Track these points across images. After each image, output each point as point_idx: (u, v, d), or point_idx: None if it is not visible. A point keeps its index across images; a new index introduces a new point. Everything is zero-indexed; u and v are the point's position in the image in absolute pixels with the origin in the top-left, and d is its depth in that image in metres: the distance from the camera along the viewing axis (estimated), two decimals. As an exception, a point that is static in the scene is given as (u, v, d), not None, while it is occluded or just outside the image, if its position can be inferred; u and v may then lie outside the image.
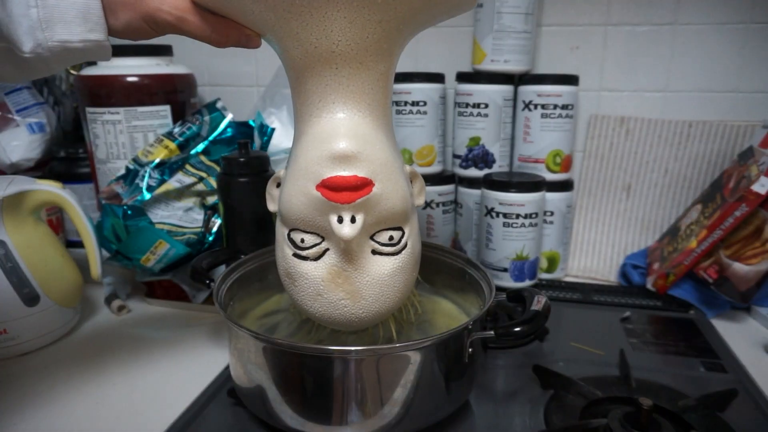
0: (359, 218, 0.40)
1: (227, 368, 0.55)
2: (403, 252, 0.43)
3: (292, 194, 0.41)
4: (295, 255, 0.43)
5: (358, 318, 0.43)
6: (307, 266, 0.43)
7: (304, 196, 0.40)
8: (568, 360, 0.57)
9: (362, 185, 0.39)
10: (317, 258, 0.42)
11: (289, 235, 0.43)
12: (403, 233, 0.43)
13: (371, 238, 0.42)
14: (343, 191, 0.39)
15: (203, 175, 0.72)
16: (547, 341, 0.62)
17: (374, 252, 0.43)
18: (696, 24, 0.76)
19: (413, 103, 0.76)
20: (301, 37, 0.39)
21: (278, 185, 0.46)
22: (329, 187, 0.39)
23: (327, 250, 0.42)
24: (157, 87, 0.76)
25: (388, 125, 0.44)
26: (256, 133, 0.76)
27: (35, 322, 0.59)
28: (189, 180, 0.71)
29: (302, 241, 0.42)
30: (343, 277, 0.42)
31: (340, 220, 0.40)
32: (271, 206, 0.47)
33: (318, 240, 0.42)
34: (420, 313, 0.53)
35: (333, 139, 0.40)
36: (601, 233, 0.83)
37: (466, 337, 0.45)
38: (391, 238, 0.43)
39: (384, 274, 0.43)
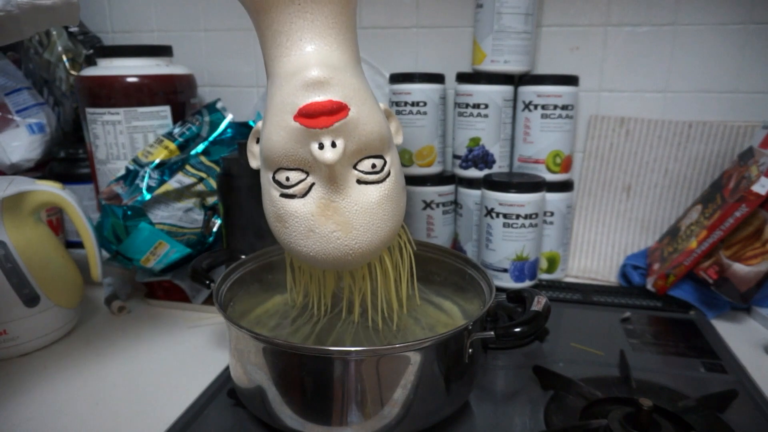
0: (339, 143, 0.40)
1: (227, 368, 0.55)
2: (387, 180, 0.44)
3: (271, 132, 0.42)
4: (283, 195, 0.43)
5: (352, 249, 0.43)
6: (296, 204, 0.43)
7: (283, 129, 0.41)
8: (568, 360, 0.57)
9: (338, 109, 0.40)
10: (304, 194, 0.43)
11: (273, 177, 0.43)
12: (385, 162, 0.44)
13: (354, 167, 0.43)
14: (320, 116, 0.40)
15: (203, 175, 0.72)
16: (547, 342, 0.62)
17: (359, 181, 0.43)
18: (696, 24, 0.76)
19: (413, 104, 0.76)
20: None
21: (258, 141, 0.46)
22: (306, 114, 0.40)
23: (313, 184, 0.43)
24: (157, 87, 0.76)
25: (357, 60, 0.45)
26: (256, 134, 0.76)
27: (35, 323, 0.59)
28: (189, 180, 0.71)
29: (287, 179, 0.43)
30: (332, 208, 0.42)
31: (321, 147, 0.40)
32: (253, 163, 0.48)
33: (303, 176, 0.42)
34: (414, 250, 0.52)
35: (304, 69, 0.41)
36: (601, 234, 0.83)
37: (466, 337, 0.45)
38: (373, 165, 0.43)
39: (372, 202, 0.43)
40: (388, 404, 0.42)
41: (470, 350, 0.45)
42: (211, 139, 0.74)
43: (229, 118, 0.76)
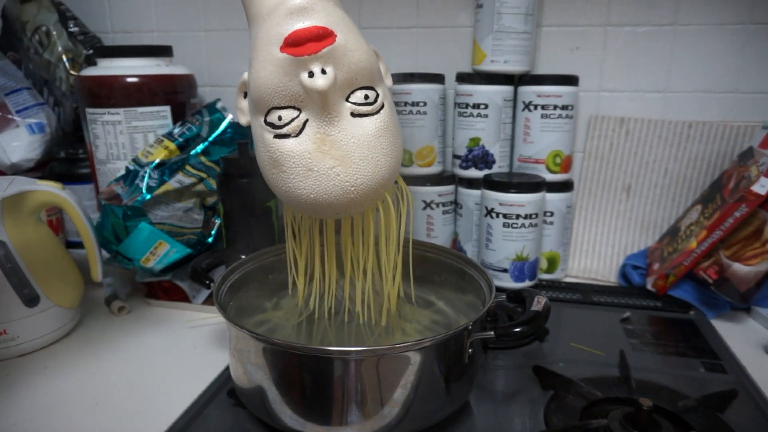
0: (329, 69, 0.40)
1: (227, 368, 0.55)
2: (381, 112, 0.43)
3: (259, 70, 0.41)
4: (276, 137, 0.42)
5: (353, 186, 0.42)
6: (291, 143, 0.42)
7: (270, 63, 0.40)
8: (568, 360, 0.57)
9: (324, 34, 0.40)
10: (299, 132, 0.42)
11: (265, 119, 0.42)
12: (378, 94, 0.43)
13: (347, 100, 0.42)
14: (307, 43, 0.39)
15: (203, 175, 0.72)
16: (547, 342, 0.62)
17: (353, 114, 0.42)
18: (696, 24, 0.76)
19: (413, 104, 0.76)
20: None
21: (245, 96, 0.46)
22: (292, 42, 0.39)
23: (307, 121, 0.42)
24: (157, 87, 0.76)
25: (338, 0, 0.44)
26: (256, 134, 0.76)
27: (35, 323, 0.59)
28: (189, 180, 0.71)
29: (279, 118, 0.42)
30: (329, 143, 0.42)
31: (311, 75, 0.40)
32: (243, 119, 0.47)
33: (295, 113, 0.42)
34: (410, 200, 0.51)
35: (286, 0, 0.40)
36: (601, 234, 0.83)
37: (466, 337, 0.45)
38: (366, 96, 0.43)
39: (369, 134, 0.43)
40: (388, 404, 0.42)
41: (470, 350, 0.45)
42: (211, 139, 0.74)
43: (229, 118, 0.76)
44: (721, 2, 0.75)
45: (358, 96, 0.42)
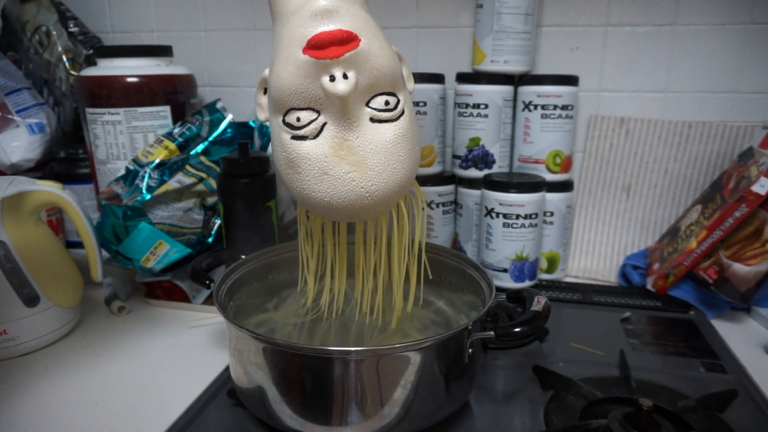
0: (351, 74, 0.40)
1: (227, 368, 0.55)
2: (401, 118, 0.43)
3: (280, 70, 0.41)
4: (294, 138, 0.42)
5: (368, 192, 0.42)
6: (308, 145, 0.42)
7: (292, 65, 0.40)
8: (568, 360, 0.57)
9: (348, 39, 0.39)
10: (317, 135, 0.42)
11: (284, 119, 0.42)
12: (399, 100, 0.43)
13: (367, 105, 0.42)
14: (330, 47, 0.39)
15: (203, 175, 0.72)
16: (547, 342, 0.62)
17: (373, 120, 0.42)
18: (696, 24, 0.76)
19: (413, 104, 0.76)
20: None
21: (265, 91, 0.45)
22: (315, 45, 0.39)
23: (325, 124, 0.42)
24: (157, 87, 0.76)
25: (365, 2, 0.44)
26: (256, 134, 0.77)
27: (35, 323, 0.59)
28: (189, 180, 0.71)
29: (298, 120, 0.41)
30: (346, 148, 0.41)
31: (333, 79, 0.39)
32: (261, 115, 0.47)
33: (314, 115, 0.41)
34: (425, 209, 0.51)
35: (311, 0, 0.40)
36: (601, 234, 0.83)
37: (466, 337, 0.45)
38: (387, 102, 0.42)
39: (386, 141, 0.42)
40: (388, 404, 0.42)
41: (470, 350, 0.45)
42: (211, 139, 0.74)
43: (229, 118, 0.76)
44: (721, 2, 0.75)
45: (379, 101, 0.42)
